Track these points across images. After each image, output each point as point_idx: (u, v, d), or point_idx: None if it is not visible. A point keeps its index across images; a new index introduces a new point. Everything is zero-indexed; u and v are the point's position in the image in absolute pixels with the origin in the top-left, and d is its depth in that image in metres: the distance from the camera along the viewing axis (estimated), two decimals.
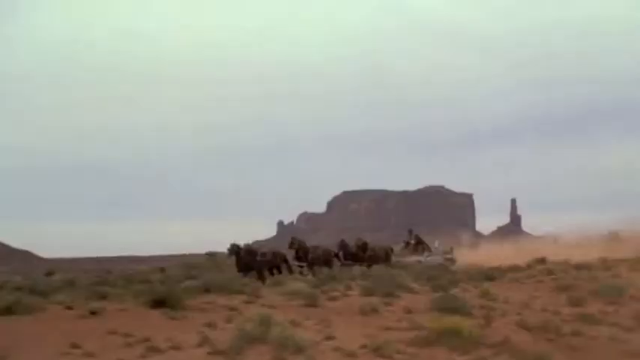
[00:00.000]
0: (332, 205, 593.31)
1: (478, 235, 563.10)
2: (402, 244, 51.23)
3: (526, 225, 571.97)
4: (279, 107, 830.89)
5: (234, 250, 37.68)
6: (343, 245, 42.05)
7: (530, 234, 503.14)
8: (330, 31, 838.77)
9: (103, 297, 28.01)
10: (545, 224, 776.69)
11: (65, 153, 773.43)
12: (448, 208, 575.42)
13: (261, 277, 35.68)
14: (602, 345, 19.58)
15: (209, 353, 17.13)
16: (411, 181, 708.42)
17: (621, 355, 18.64)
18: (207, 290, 28.70)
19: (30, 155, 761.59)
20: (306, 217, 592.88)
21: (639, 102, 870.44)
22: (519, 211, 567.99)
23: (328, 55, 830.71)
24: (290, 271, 37.91)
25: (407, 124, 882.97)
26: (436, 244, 48.62)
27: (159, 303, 23.70)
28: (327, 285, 31.60)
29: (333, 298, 27.72)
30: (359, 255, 40.91)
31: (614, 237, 71.10)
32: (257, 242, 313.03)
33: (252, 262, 37.08)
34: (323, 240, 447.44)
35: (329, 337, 18.81)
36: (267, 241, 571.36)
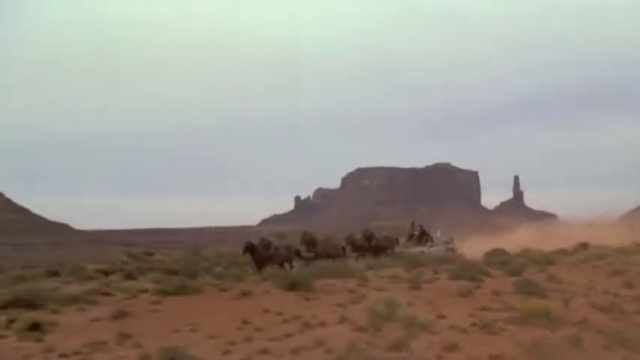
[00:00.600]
0: (346, 181, 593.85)
1: (483, 210, 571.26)
2: (406, 236, 50.36)
3: (528, 200, 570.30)
4: (299, 91, 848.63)
5: (250, 247, 35.91)
6: (351, 239, 41.63)
7: (531, 208, 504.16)
8: (339, 19, 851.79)
9: (239, 279, 29.92)
10: (545, 200, 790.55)
11: (96, 132, 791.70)
12: (454, 185, 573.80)
13: (282, 267, 35.06)
14: None
15: (353, 329, 18.65)
16: (419, 159, 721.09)
17: None
18: (322, 275, 29.81)
19: (63, 134, 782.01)
20: (321, 193, 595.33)
21: (635, 83, 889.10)
22: (522, 188, 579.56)
23: (341, 42, 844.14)
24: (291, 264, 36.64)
25: (416, 106, 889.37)
26: (438, 234, 47.90)
27: (292, 286, 25.91)
28: (415, 270, 32.15)
29: (428, 282, 28.40)
30: (365, 246, 40.73)
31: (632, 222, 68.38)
32: (276, 216, 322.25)
33: (268, 255, 35.59)
34: (337, 214, 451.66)
35: (441, 316, 20.41)
36: (286, 214, 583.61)
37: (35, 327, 20.84)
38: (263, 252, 34.83)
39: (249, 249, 35.13)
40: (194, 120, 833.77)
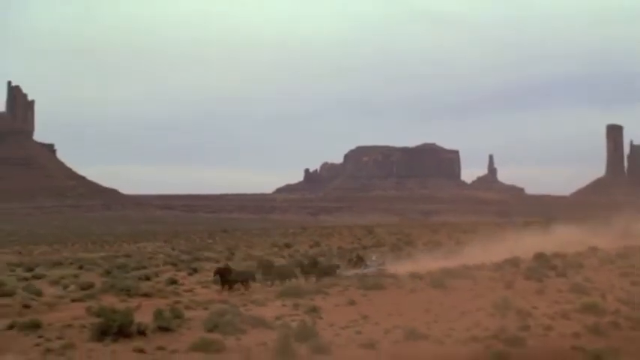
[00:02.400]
0: (348, 157, 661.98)
1: (463, 184, 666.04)
2: (346, 262, 47.70)
3: (500, 176, 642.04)
4: (309, 80, 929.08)
5: (220, 271, 36.71)
6: (300, 264, 41.87)
7: (503, 183, 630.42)
8: (345, 17, 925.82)
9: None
10: (514, 176, 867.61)
11: (142, 113, 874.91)
12: (439, 162, 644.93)
13: (246, 286, 36.12)
14: None
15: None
16: (410, 139, 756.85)
17: None
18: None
19: (113, 115, 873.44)
20: (327, 167, 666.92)
21: (593, 78, 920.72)
22: (495, 165, 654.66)
23: (346, 37, 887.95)
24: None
25: (408, 94, 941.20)
26: (373, 257, 46.73)
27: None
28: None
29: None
30: (312, 269, 39.96)
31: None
32: (288, 186, 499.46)
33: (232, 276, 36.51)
34: (339, 185, 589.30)
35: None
36: (297, 185, 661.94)
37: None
38: (229, 274, 36.11)
39: (220, 272, 36.29)
40: (223, 106, 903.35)
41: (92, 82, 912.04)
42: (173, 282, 39.33)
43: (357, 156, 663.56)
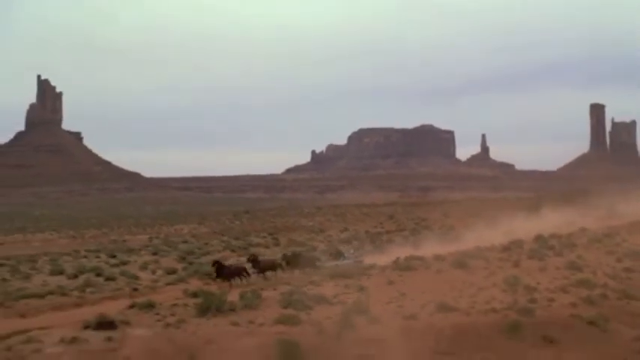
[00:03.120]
0: (351, 138, 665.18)
1: (458, 162, 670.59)
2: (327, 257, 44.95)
3: (492, 154, 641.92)
4: (313, 68, 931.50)
5: (216, 265, 35.10)
6: (285, 257, 40.18)
7: (495, 160, 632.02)
8: (343, 11, 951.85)
9: None
10: (505, 153, 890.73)
11: (161, 99, 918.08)
12: (436, 142, 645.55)
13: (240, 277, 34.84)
14: None
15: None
16: (409, 121, 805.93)
17: None
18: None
19: (137, 104, 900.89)
20: (332, 148, 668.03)
21: (574, 63, 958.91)
22: (487, 144, 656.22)
23: (349, 27, 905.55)
24: (248, 275, 35.87)
25: (407, 79, 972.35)
26: (351, 250, 46.30)
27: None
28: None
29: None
30: (295, 262, 39.21)
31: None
32: (297, 166, 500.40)
33: (227, 271, 35.17)
34: (344, 165, 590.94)
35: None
36: (304, 165, 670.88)
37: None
38: (225, 268, 34.95)
39: (216, 265, 35.02)
40: (235, 94, 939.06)
41: (115, 75, 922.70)
42: None
43: (360, 137, 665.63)
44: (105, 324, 20.14)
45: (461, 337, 20.22)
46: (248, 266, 36.88)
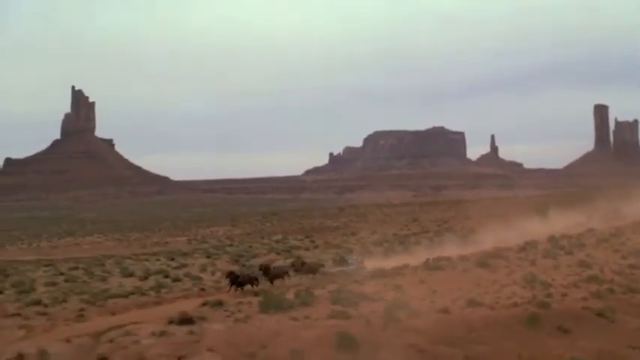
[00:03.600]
0: (367, 141, 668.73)
1: (468, 161, 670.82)
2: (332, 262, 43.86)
3: (501, 153, 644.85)
4: (330, 74, 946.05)
5: (231, 275, 34.42)
6: (293, 264, 39.40)
7: (503, 159, 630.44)
8: (357, 20, 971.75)
9: None
10: (514, 153, 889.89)
11: (187, 106, 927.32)
12: (447, 143, 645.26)
13: (253, 284, 34.06)
14: None
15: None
16: (421, 124, 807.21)
17: None
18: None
19: (165, 112, 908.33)
20: (348, 150, 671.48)
21: (581, 62, 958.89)
22: (496, 144, 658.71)
23: (360, 38, 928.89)
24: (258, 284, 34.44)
25: (419, 83, 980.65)
26: (354, 257, 44.53)
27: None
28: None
29: None
30: (301, 268, 38.46)
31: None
32: (315, 168, 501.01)
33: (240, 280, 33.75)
34: (360, 166, 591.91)
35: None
36: (323, 167, 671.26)
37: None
38: (240, 277, 34.25)
39: (231, 275, 34.22)
40: (256, 100, 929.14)
41: (143, 85, 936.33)
42: None
43: (375, 140, 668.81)
44: (186, 320, 22.36)
45: (488, 328, 21.94)
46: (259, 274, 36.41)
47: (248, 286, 33.29)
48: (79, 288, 37.35)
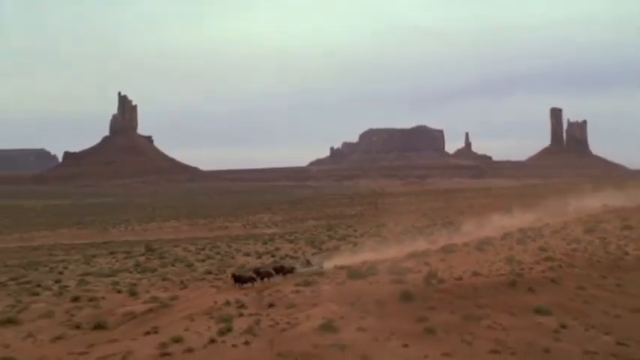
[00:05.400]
0: (362, 137, 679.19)
1: (447, 155, 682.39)
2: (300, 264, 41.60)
3: (474, 148, 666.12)
4: (331, 79, 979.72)
5: (234, 276, 34.26)
6: (277, 267, 37.85)
7: (476, 153, 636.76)
8: (353, 32, 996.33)
9: None
10: (484, 147, 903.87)
11: (211, 106, 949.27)
12: (429, 139, 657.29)
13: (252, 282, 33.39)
14: None
15: None
16: (407, 122, 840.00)
17: None
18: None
19: (190, 111, 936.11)
20: (346, 145, 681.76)
21: (540, 73, 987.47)
22: (470, 140, 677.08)
23: (358, 46, 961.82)
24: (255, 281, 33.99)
25: (405, 88, 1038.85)
26: (316, 259, 43.06)
27: None
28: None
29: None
30: (280, 270, 36.71)
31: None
32: (318, 160, 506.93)
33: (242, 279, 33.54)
34: (356, 158, 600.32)
35: None
36: (324, 159, 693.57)
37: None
38: (241, 277, 33.85)
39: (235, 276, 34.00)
40: (265, 101, 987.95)
41: (176, 89, 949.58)
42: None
43: (369, 136, 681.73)
44: (307, 283, 31.65)
45: (486, 288, 30.04)
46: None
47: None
48: (225, 263, 44.77)
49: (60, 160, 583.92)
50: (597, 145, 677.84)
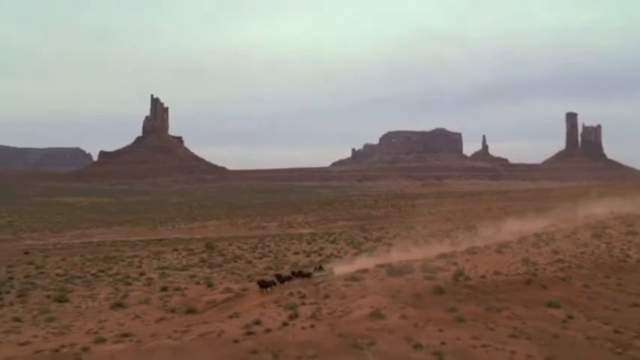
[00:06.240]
0: (382, 139, 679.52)
1: (464, 157, 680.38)
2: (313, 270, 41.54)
3: (491, 150, 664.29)
4: (354, 83, 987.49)
5: (260, 281, 35.35)
6: (295, 272, 39.72)
7: (492, 155, 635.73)
8: (370, 38, 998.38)
9: None
10: (501, 149, 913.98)
11: (239, 108, 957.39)
12: (448, 141, 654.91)
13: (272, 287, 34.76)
14: None
15: None
16: (426, 125, 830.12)
17: None
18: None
19: (218, 115, 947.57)
20: (367, 146, 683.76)
21: (556, 78, 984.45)
22: (487, 142, 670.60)
23: (373, 55, 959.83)
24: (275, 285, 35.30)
25: (424, 91, 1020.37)
26: (328, 267, 42.61)
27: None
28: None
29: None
30: (298, 274, 38.48)
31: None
32: (340, 160, 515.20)
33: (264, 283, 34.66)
34: (376, 159, 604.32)
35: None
36: (346, 160, 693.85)
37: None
38: (265, 282, 34.73)
39: (261, 283, 34.95)
40: (291, 104, 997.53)
41: (203, 91, 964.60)
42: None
43: (388, 138, 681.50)
44: (354, 278, 36.36)
45: (506, 285, 34.17)
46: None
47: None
48: (280, 260, 48.88)
49: (94, 158, 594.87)
50: (611, 149, 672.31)
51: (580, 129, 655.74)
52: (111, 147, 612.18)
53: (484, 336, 24.53)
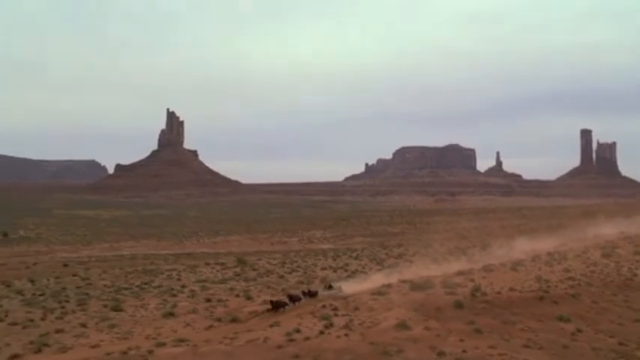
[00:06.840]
0: (395, 154, 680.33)
1: (478, 173, 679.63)
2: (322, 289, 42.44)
3: (505, 166, 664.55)
4: (367, 97, 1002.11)
5: (272, 302, 35.50)
6: (305, 292, 39.63)
7: (506, 171, 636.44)
8: (383, 53, 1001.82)
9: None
10: (515, 165, 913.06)
11: (252, 123, 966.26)
12: (461, 157, 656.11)
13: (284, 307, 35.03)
14: None
15: None
16: (440, 141, 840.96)
17: None
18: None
19: (234, 129, 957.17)
20: (381, 161, 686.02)
21: (571, 95, 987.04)
22: (501, 158, 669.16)
23: (386, 69, 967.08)
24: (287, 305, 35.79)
25: (438, 108, 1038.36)
26: (337, 285, 42.93)
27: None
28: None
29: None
30: (307, 293, 38.83)
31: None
32: (354, 175, 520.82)
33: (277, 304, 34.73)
34: (389, 175, 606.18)
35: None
36: (360, 175, 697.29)
37: None
38: (276, 302, 34.91)
39: (273, 303, 35.19)
40: (303, 117, 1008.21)
41: (218, 106, 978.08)
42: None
43: (402, 153, 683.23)
44: (379, 292, 39.56)
45: (520, 301, 36.54)
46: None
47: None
48: (310, 275, 51.90)
49: (109, 170, 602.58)
50: (627, 166, 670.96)
51: (595, 145, 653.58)
52: (127, 160, 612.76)
53: (500, 346, 27.08)
